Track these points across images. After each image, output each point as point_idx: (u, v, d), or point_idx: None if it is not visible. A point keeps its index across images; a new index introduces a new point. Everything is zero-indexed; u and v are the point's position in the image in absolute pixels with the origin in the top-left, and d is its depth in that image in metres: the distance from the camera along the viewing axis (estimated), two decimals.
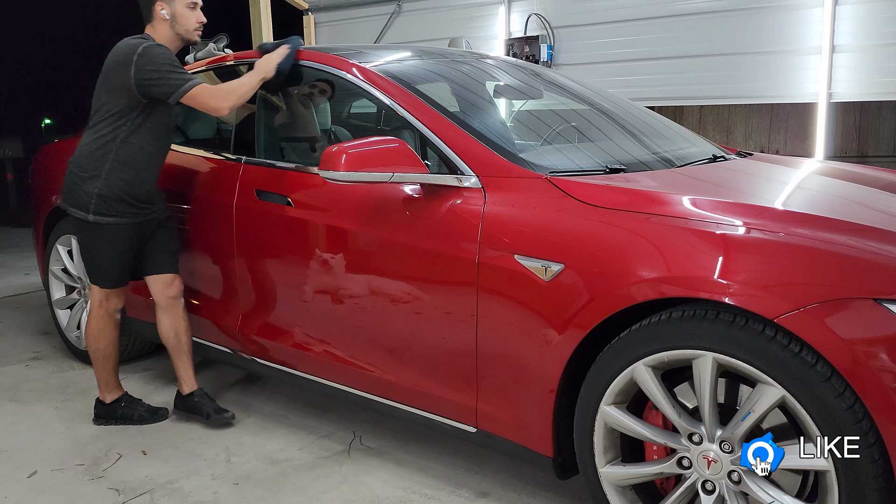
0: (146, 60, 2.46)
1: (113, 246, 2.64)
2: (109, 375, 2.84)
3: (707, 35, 5.31)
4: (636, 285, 1.74)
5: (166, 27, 2.58)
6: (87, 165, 2.60)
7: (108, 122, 2.57)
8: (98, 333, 2.78)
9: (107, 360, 2.82)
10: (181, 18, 2.58)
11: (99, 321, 2.77)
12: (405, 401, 2.31)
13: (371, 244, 2.29)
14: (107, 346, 2.79)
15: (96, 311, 2.76)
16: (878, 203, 2.16)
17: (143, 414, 2.86)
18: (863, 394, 1.50)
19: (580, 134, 2.67)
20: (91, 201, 2.58)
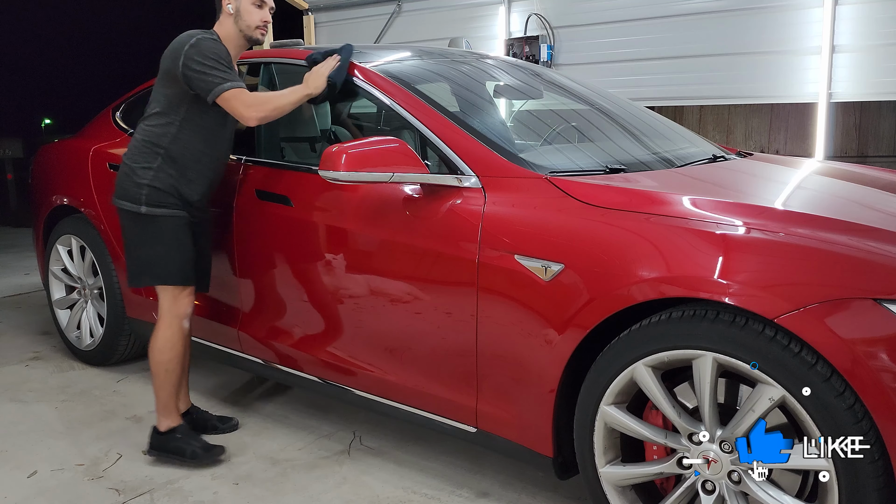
0: (196, 51, 2.36)
1: (168, 239, 2.46)
2: (169, 397, 2.54)
3: (707, 35, 5.31)
4: (636, 285, 1.74)
5: (230, 22, 2.48)
6: (139, 157, 2.48)
7: (160, 115, 2.48)
8: (164, 343, 2.50)
9: (169, 377, 2.52)
10: (245, 14, 2.46)
11: (167, 329, 2.50)
12: (405, 401, 2.31)
13: (371, 244, 2.29)
14: (171, 358, 2.51)
15: (165, 317, 2.50)
16: (878, 203, 2.16)
17: (198, 451, 2.53)
18: (863, 394, 1.50)
19: (580, 134, 2.67)
20: (142, 192, 2.44)
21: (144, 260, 2.49)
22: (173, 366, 2.53)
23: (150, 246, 2.47)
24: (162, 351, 2.51)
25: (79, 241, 3.44)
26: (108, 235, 3.22)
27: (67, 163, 3.52)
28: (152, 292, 3.09)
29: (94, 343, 3.47)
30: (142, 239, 2.48)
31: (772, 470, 1.69)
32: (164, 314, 2.51)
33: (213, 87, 2.35)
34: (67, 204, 3.44)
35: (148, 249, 2.48)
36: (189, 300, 2.53)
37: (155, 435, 2.57)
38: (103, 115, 3.59)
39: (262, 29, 2.50)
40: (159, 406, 2.56)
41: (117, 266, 3.24)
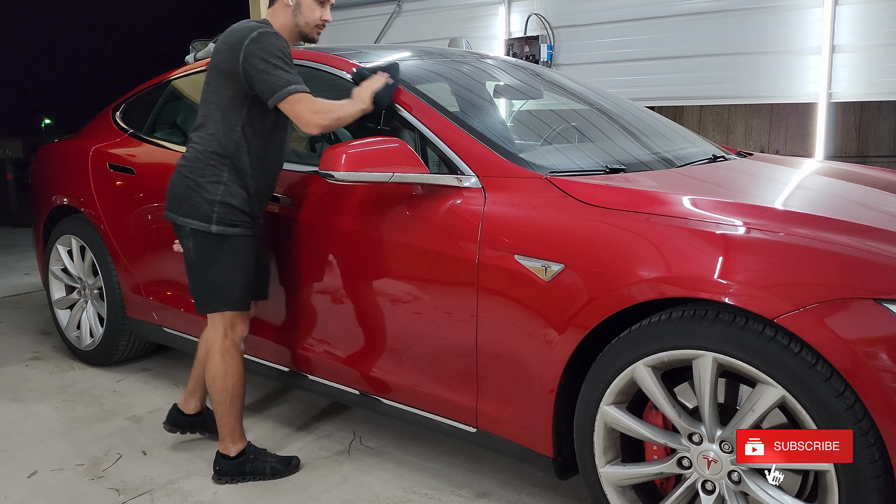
0: (258, 47, 2.17)
1: (239, 261, 2.30)
2: (236, 421, 2.41)
3: (707, 35, 5.31)
4: (636, 285, 1.74)
5: (287, 14, 2.29)
6: (205, 170, 2.26)
7: (219, 121, 2.27)
8: (225, 370, 2.35)
9: (234, 402, 2.39)
10: (305, 9, 2.28)
11: (226, 355, 2.34)
12: (405, 401, 2.31)
13: (371, 244, 2.29)
14: (234, 383, 2.38)
15: (221, 343, 2.34)
16: (878, 203, 2.17)
17: (276, 466, 2.44)
18: (863, 394, 1.50)
19: (580, 134, 2.67)
20: (214, 210, 2.24)
21: (208, 282, 2.30)
22: (238, 389, 2.39)
23: (217, 268, 2.28)
24: (224, 378, 2.36)
25: (79, 241, 3.44)
26: (108, 235, 3.22)
27: (67, 163, 3.53)
28: (152, 293, 3.10)
29: (94, 343, 3.47)
30: (208, 261, 2.29)
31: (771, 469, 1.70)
32: (220, 340, 2.34)
33: (278, 89, 2.16)
34: (67, 204, 3.44)
35: (215, 271, 2.28)
36: (246, 323, 2.40)
37: (224, 461, 2.41)
38: (103, 115, 3.59)
39: (320, 28, 2.35)
40: (226, 432, 2.41)
41: (117, 266, 3.24)
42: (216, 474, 2.42)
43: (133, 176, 3.14)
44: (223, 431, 2.41)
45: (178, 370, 3.45)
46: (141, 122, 3.34)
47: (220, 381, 2.36)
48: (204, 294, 2.33)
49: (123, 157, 3.23)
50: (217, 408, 2.40)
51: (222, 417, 2.40)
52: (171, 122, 3.39)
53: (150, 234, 3.06)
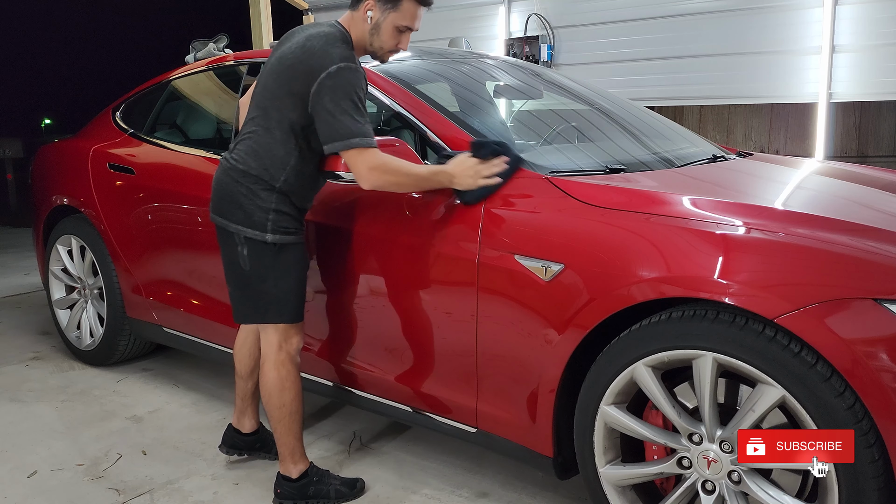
0: (334, 84, 1.99)
1: (294, 271, 2.19)
2: (296, 440, 2.27)
3: (707, 35, 5.31)
4: (636, 285, 1.74)
5: (364, 29, 2.11)
6: (258, 177, 2.13)
7: (277, 138, 2.12)
8: (281, 385, 2.20)
9: (293, 419, 2.25)
10: (384, 34, 2.11)
11: (281, 369, 2.20)
12: (405, 401, 2.31)
13: (371, 244, 2.29)
14: (292, 399, 2.23)
15: (275, 356, 2.20)
16: (878, 203, 2.17)
17: (340, 489, 2.30)
18: (863, 394, 1.50)
19: (580, 134, 2.67)
20: (268, 217, 2.13)
21: (262, 293, 2.17)
22: (297, 405, 2.25)
23: (271, 278, 2.16)
24: (280, 393, 2.22)
25: (79, 241, 3.44)
26: (108, 235, 3.22)
27: (67, 163, 3.53)
28: (152, 293, 3.10)
29: (93, 343, 3.47)
30: (262, 271, 2.16)
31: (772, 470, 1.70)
32: (274, 353, 2.21)
33: (340, 138, 2.00)
34: (67, 204, 3.45)
35: (270, 282, 2.16)
36: (299, 338, 2.26)
37: (286, 483, 2.27)
38: (103, 115, 3.59)
39: (393, 54, 2.18)
40: (286, 452, 2.27)
41: (117, 266, 3.25)
42: (277, 497, 2.29)
43: (133, 176, 3.14)
44: (283, 451, 2.28)
45: (179, 370, 3.45)
46: (141, 122, 3.34)
47: (276, 398, 2.22)
48: (258, 305, 2.19)
49: (123, 157, 3.23)
50: (275, 426, 2.26)
51: (281, 436, 2.26)
52: (171, 122, 3.39)
53: (150, 234, 3.06)
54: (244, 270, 2.17)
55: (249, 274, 2.17)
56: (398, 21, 2.09)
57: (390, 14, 2.09)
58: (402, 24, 2.11)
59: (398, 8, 2.08)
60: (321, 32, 2.09)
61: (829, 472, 1.57)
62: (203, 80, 3.26)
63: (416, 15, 2.12)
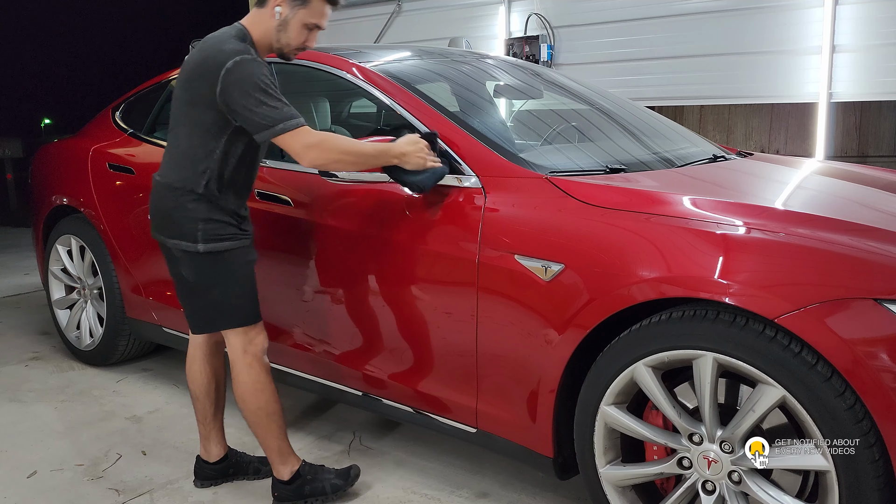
0: (237, 79, 1.97)
1: (238, 274, 2.16)
2: (279, 441, 2.24)
3: (707, 35, 5.31)
4: (636, 285, 1.74)
5: (270, 26, 2.09)
6: (184, 188, 2.11)
7: (196, 143, 2.11)
8: (254, 386, 2.19)
9: (271, 420, 2.22)
10: (291, 31, 2.09)
11: (250, 371, 2.18)
12: (405, 401, 2.31)
13: (371, 244, 2.28)
14: (268, 399, 2.20)
15: (242, 359, 2.18)
16: (878, 203, 2.16)
17: (336, 482, 2.28)
18: (863, 394, 1.49)
19: (580, 134, 2.67)
20: (198, 228, 2.10)
21: (218, 303, 2.16)
22: (273, 406, 2.22)
23: (222, 287, 2.15)
24: (253, 396, 2.20)
25: (78, 241, 3.44)
26: (108, 235, 3.22)
27: (67, 163, 3.53)
28: (152, 293, 3.10)
29: (93, 343, 3.47)
30: (210, 280, 2.14)
31: (772, 470, 1.70)
32: (241, 356, 2.19)
33: (264, 127, 1.98)
34: (67, 204, 3.44)
35: (221, 292, 2.15)
36: (264, 335, 2.23)
37: (280, 486, 2.27)
38: (103, 115, 3.59)
39: (299, 52, 2.17)
40: (272, 455, 2.26)
41: (117, 266, 3.24)
42: (275, 500, 2.28)
43: (133, 176, 3.14)
44: (270, 455, 2.26)
45: (179, 370, 3.45)
46: (140, 122, 3.34)
47: (251, 401, 2.20)
48: (211, 314, 2.19)
49: (123, 156, 3.23)
50: (255, 430, 2.24)
51: (263, 440, 2.24)
52: None
53: (149, 234, 3.05)
54: (189, 282, 2.18)
55: (194, 285, 2.17)
56: (307, 18, 2.08)
57: (299, 11, 2.07)
58: (311, 22, 2.09)
59: (308, 5, 2.07)
60: (216, 33, 2.12)
61: (829, 472, 1.57)
62: None
63: (324, 13, 2.11)
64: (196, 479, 2.44)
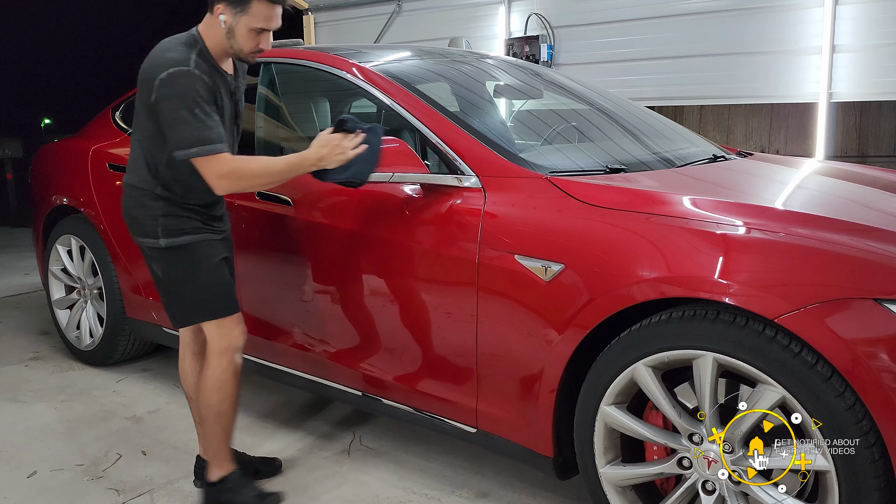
0: (167, 91, 1.96)
1: (203, 267, 2.16)
2: (222, 445, 2.25)
3: (707, 35, 5.31)
4: (636, 285, 1.74)
5: (220, 33, 2.06)
6: (143, 187, 2.14)
7: (147, 148, 2.14)
8: (214, 383, 2.18)
9: (221, 420, 2.22)
10: (240, 38, 2.04)
11: (218, 364, 2.17)
12: (405, 401, 2.31)
13: (371, 244, 2.28)
14: (222, 399, 2.19)
15: (215, 353, 2.18)
16: (878, 203, 2.16)
17: (251, 500, 2.25)
18: (863, 394, 1.50)
19: (580, 134, 2.67)
20: (158, 224, 2.12)
21: (190, 297, 2.17)
22: (225, 408, 2.21)
23: (190, 280, 2.16)
24: (212, 392, 2.19)
25: (78, 241, 3.44)
26: (108, 235, 3.22)
27: (67, 163, 3.52)
28: (152, 293, 3.10)
29: (93, 343, 3.47)
30: (178, 274, 2.17)
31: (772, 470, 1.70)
32: (214, 348, 2.19)
33: (180, 147, 1.98)
34: (67, 204, 3.44)
35: (191, 285, 2.16)
36: (241, 329, 2.23)
37: (205, 484, 2.28)
38: (103, 115, 3.59)
39: (257, 54, 2.12)
40: (210, 453, 2.26)
41: (117, 266, 3.24)
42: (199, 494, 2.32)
43: None
44: (207, 453, 2.28)
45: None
46: None
47: (207, 396, 2.20)
48: (184, 307, 2.20)
49: (123, 157, 3.22)
50: (202, 422, 2.25)
51: (206, 436, 2.25)
52: None
53: None
54: (161, 278, 2.21)
55: (164, 280, 2.20)
56: (252, 24, 2.02)
57: (241, 17, 2.01)
58: (256, 27, 2.03)
59: (248, 11, 2.01)
60: (168, 39, 2.09)
61: (829, 472, 1.57)
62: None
63: (269, 15, 2.03)
64: (196, 479, 2.43)
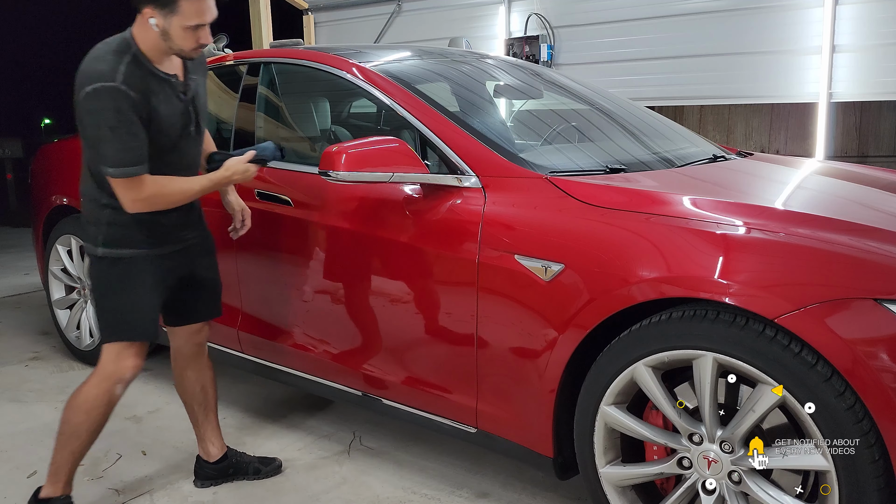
0: (88, 107, 1.89)
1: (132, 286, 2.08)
2: (63, 463, 2.14)
3: (707, 35, 5.31)
4: (636, 285, 1.74)
5: (154, 36, 1.95)
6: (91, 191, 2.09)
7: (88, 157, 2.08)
8: (83, 403, 2.11)
9: (72, 441, 2.12)
10: (176, 38, 1.94)
11: (96, 388, 2.11)
12: (405, 401, 2.31)
13: (371, 244, 2.28)
14: (82, 422, 2.11)
15: (101, 375, 2.10)
16: (878, 203, 2.16)
17: None
18: (863, 394, 1.49)
19: (580, 134, 2.67)
20: (100, 232, 2.06)
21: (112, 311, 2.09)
22: (82, 431, 2.11)
23: (114, 295, 2.08)
24: (79, 411, 2.11)
25: (78, 241, 3.43)
26: None
27: (67, 163, 3.52)
28: None
29: (93, 343, 3.47)
30: (106, 287, 2.08)
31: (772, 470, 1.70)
32: (100, 371, 2.11)
33: (102, 164, 1.93)
34: (67, 204, 3.44)
35: (114, 300, 2.08)
36: (136, 361, 2.12)
37: (32, 500, 2.17)
38: None
39: (198, 50, 2.01)
40: (51, 467, 2.15)
41: None
42: None
43: None
44: (50, 466, 2.16)
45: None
46: None
47: (71, 412, 2.13)
48: (104, 323, 2.12)
49: None
50: (57, 439, 2.14)
51: (55, 449, 2.14)
52: None
53: None
54: (92, 287, 2.14)
55: (93, 290, 2.13)
56: (184, 22, 1.93)
57: (173, 18, 1.92)
58: (190, 24, 1.94)
59: (177, 11, 1.92)
60: (101, 44, 1.99)
61: (829, 473, 1.57)
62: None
63: (200, 10, 1.94)
64: (196, 479, 2.44)
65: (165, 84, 2.02)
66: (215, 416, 2.43)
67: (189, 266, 2.22)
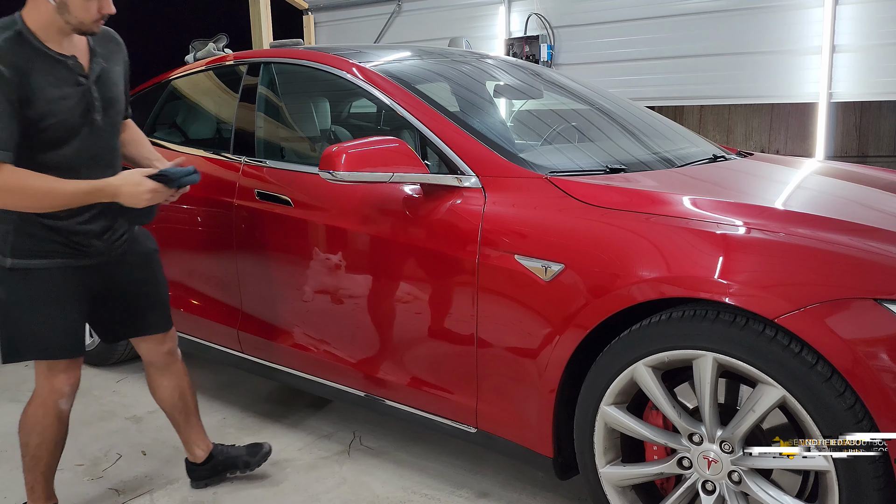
0: None
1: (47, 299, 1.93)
2: (35, 483, 2.11)
3: (707, 35, 5.32)
4: (636, 285, 1.74)
5: (50, 11, 1.82)
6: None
7: None
8: (32, 426, 2.05)
9: (35, 463, 2.08)
10: (75, 10, 1.82)
11: (39, 408, 2.04)
12: (405, 401, 2.31)
13: (371, 244, 2.29)
14: (38, 444, 2.06)
15: (39, 393, 2.04)
16: (878, 203, 2.16)
17: None
18: (863, 394, 1.49)
19: (580, 134, 2.67)
20: (8, 240, 1.90)
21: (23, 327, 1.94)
22: (41, 453, 2.06)
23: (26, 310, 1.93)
24: (29, 433, 2.06)
25: None
26: None
27: None
28: None
29: (93, 343, 3.46)
30: (16, 300, 1.92)
31: (772, 470, 1.70)
32: (37, 391, 2.03)
33: None
34: None
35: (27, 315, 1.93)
36: (68, 376, 2.01)
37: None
38: None
39: (101, 21, 1.89)
40: (26, 486, 2.13)
41: None
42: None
43: None
44: (26, 484, 2.13)
45: None
46: (141, 122, 3.32)
47: (23, 436, 2.07)
48: (12, 339, 1.96)
49: None
50: (22, 461, 2.11)
51: (24, 471, 2.11)
52: (171, 122, 3.39)
53: None
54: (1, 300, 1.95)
55: (3, 303, 1.95)
56: None
57: None
58: None
59: None
60: None
61: (829, 473, 1.57)
62: (203, 80, 3.26)
63: None
64: (191, 481, 2.44)
65: (59, 65, 1.87)
66: (197, 419, 2.38)
67: (117, 280, 2.07)
